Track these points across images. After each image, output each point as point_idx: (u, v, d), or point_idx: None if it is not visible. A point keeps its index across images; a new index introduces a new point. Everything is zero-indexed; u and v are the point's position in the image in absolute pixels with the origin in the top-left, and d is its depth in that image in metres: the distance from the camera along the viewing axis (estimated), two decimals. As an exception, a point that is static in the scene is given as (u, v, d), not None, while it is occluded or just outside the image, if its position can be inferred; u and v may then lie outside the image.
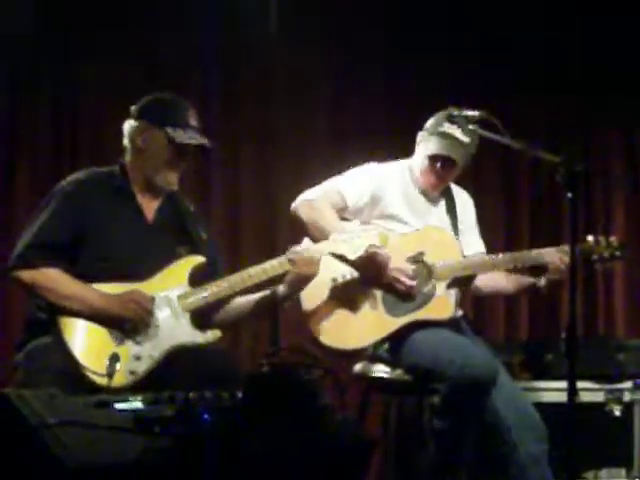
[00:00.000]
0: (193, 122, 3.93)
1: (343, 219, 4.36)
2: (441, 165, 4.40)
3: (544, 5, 6.56)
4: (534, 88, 6.55)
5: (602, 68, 6.66)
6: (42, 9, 5.75)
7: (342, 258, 4.06)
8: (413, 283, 4.24)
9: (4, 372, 3.69)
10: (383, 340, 4.28)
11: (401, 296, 4.27)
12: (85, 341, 3.68)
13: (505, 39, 6.52)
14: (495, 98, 5.81)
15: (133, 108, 3.96)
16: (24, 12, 5.59)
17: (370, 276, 4.23)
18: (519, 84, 6.50)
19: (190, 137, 3.89)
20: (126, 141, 3.95)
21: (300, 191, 4.46)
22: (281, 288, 3.91)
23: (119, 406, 2.59)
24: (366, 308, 4.30)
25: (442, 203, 4.58)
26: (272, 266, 3.89)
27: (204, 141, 3.94)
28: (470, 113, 4.18)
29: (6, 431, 2.44)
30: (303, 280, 3.90)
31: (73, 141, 5.69)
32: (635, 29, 6.52)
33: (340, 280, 4.27)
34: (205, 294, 3.87)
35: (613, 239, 4.33)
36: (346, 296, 4.30)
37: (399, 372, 4.30)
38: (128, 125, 3.94)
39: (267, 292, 3.97)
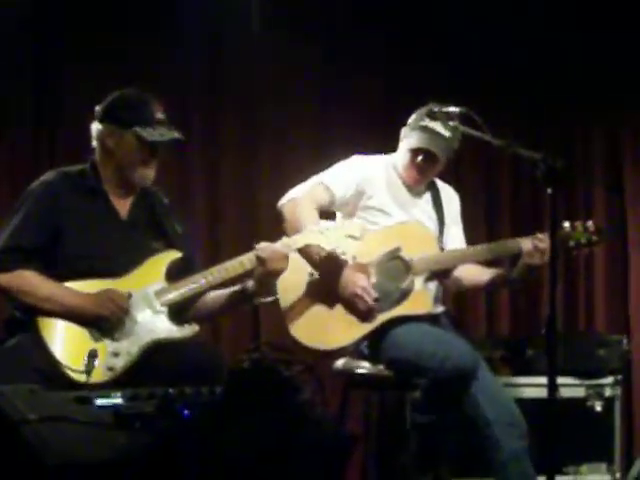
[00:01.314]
0: (160, 116, 3.91)
1: (329, 216, 4.41)
2: (422, 159, 4.42)
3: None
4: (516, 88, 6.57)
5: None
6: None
7: (307, 256, 4.14)
8: (374, 305, 4.22)
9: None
10: (363, 337, 4.30)
11: (358, 313, 4.27)
12: (63, 339, 3.69)
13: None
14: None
15: (98, 109, 3.94)
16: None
17: (328, 279, 4.26)
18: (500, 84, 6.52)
19: (160, 134, 3.88)
20: (95, 142, 3.94)
21: (281, 186, 4.49)
22: (250, 283, 3.90)
23: (99, 402, 2.60)
24: (343, 304, 4.30)
25: (427, 197, 4.60)
26: (240, 262, 3.89)
27: (175, 135, 3.93)
28: (451, 109, 4.21)
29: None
30: (271, 275, 3.90)
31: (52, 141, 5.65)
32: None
33: (316, 275, 4.28)
34: (182, 290, 3.87)
35: (590, 224, 4.34)
36: (324, 291, 4.30)
37: (380, 368, 4.31)
38: (95, 127, 3.93)
39: (238, 287, 3.96)
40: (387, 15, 6.26)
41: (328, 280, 4.26)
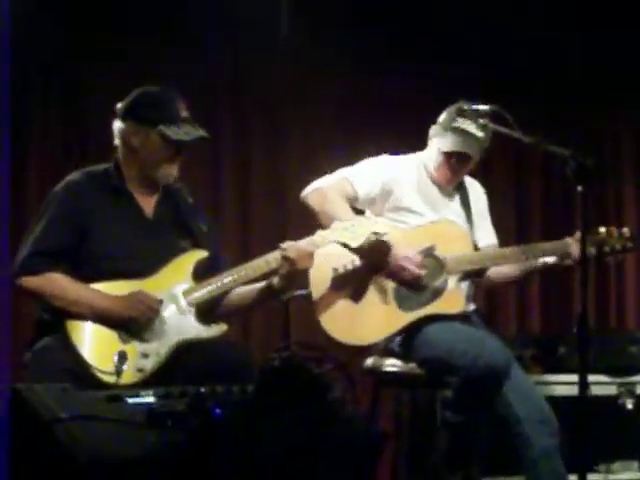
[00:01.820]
0: (184, 114, 3.92)
1: (355, 210, 4.37)
2: (456, 160, 4.42)
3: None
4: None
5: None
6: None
7: (345, 245, 4.05)
8: (421, 272, 4.22)
9: (15, 371, 3.71)
10: (395, 333, 4.30)
11: (410, 286, 4.26)
12: (92, 341, 3.71)
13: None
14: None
15: (120, 106, 3.94)
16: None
17: (374, 264, 4.24)
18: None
19: (185, 132, 3.88)
20: (117, 141, 3.95)
21: (309, 182, 4.47)
22: (276, 280, 3.92)
23: (131, 400, 2.61)
24: (376, 301, 4.30)
25: (457, 196, 4.59)
26: (266, 261, 3.90)
27: (200, 133, 3.94)
28: (481, 107, 4.21)
29: (19, 426, 2.45)
30: (296, 273, 3.91)
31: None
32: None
33: (341, 270, 4.26)
34: (210, 288, 3.89)
35: (625, 230, 4.32)
36: (351, 287, 4.29)
37: (411, 366, 4.32)
38: (117, 125, 3.94)
39: (264, 284, 3.98)
40: (388, 15, 6.21)
41: (369, 269, 4.27)
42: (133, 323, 3.75)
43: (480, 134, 4.30)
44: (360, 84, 6.22)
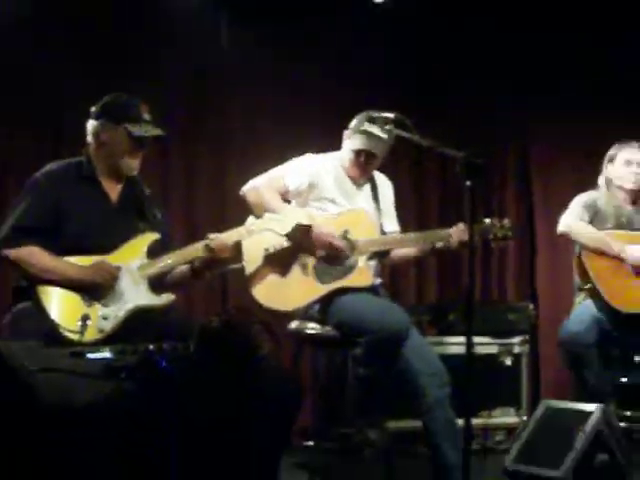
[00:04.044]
0: (146, 116, 3.96)
1: (285, 200, 4.43)
2: (364, 158, 4.44)
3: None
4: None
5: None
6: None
7: (275, 232, 4.16)
8: (341, 243, 4.28)
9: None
10: (314, 303, 4.32)
11: (333, 259, 4.31)
12: (60, 305, 3.71)
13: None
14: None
15: (93, 109, 3.97)
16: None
17: (300, 246, 4.28)
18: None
19: (145, 130, 3.92)
20: (90, 137, 3.97)
21: (245, 179, 4.51)
22: (196, 263, 4.00)
23: (91, 356, 2.60)
24: (298, 276, 4.32)
25: (367, 187, 4.59)
26: (195, 248, 3.96)
27: (158, 132, 3.98)
28: (386, 115, 4.23)
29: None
30: (215, 261, 3.99)
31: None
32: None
33: (271, 250, 4.30)
34: (160, 265, 3.92)
35: (506, 221, 4.33)
36: (279, 264, 4.32)
37: (327, 329, 4.32)
38: (91, 124, 3.97)
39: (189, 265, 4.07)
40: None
41: (294, 250, 4.30)
42: (96, 288, 3.76)
43: (384, 136, 4.32)
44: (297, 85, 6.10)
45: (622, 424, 4.48)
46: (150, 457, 2.42)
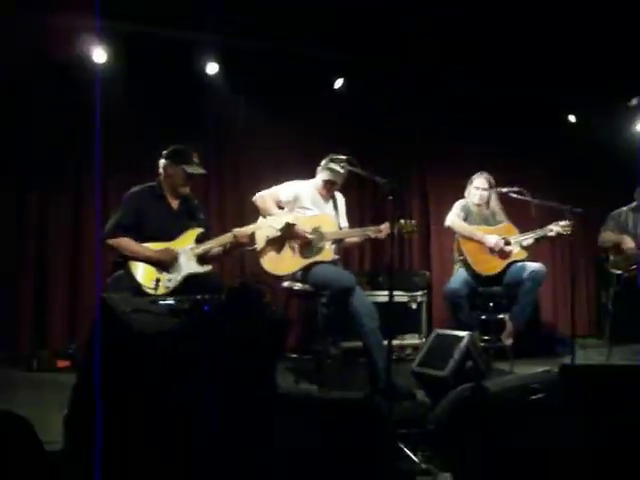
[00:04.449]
0: (196, 160, 3.97)
1: (280, 207, 4.42)
2: (330, 184, 4.45)
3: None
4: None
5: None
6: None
7: (273, 227, 4.21)
8: (310, 237, 4.28)
9: (103, 288, 3.74)
10: (298, 270, 4.31)
11: (308, 245, 4.29)
12: (141, 272, 3.76)
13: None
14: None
15: (164, 152, 3.99)
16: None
17: (288, 236, 4.27)
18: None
19: (194, 170, 3.95)
20: (160, 170, 3.99)
21: (255, 192, 4.49)
22: (227, 246, 4.05)
23: (161, 302, 2.60)
24: (289, 253, 4.30)
25: (331, 201, 4.57)
26: (226, 236, 4.01)
27: (202, 171, 4.01)
28: (342, 156, 4.27)
29: (104, 315, 2.43)
30: (238, 245, 4.03)
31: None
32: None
33: (271, 237, 4.28)
34: (204, 247, 3.95)
35: (413, 221, 4.36)
36: (276, 246, 4.30)
37: (306, 286, 4.33)
38: (161, 162, 3.99)
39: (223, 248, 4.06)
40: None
41: (284, 238, 4.27)
42: (164, 264, 3.78)
43: (342, 171, 4.35)
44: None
45: (482, 344, 4.53)
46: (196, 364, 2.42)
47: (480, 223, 5.11)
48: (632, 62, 5.05)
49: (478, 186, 5.15)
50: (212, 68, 5.45)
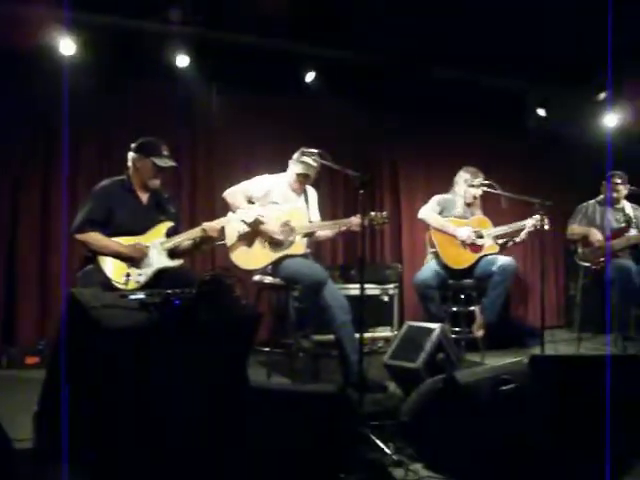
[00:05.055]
0: (165, 152, 3.91)
1: (251, 202, 4.37)
2: (302, 178, 4.43)
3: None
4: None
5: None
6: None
7: (243, 221, 4.22)
8: (279, 237, 4.27)
9: (72, 283, 3.71)
10: (269, 264, 4.30)
11: (275, 242, 4.29)
12: (111, 267, 3.71)
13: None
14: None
15: (133, 145, 3.94)
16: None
17: (256, 231, 4.27)
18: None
19: (164, 162, 3.89)
20: (129, 163, 3.94)
21: (226, 187, 4.45)
22: (196, 240, 4.00)
23: (131, 297, 2.56)
24: (259, 247, 4.29)
25: (302, 195, 4.55)
26: (196, 230, 3.96)
27: (173, 163, 3.94)
28: (313, 150, 4.25)
29: (71, 310, 2.40)
30: (208, 239, 3.99)
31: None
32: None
33: (242, 232, 4.29)
34: (174, 241, 3.91)
35: (384, 213, 4.32)
36: (247, 240, 4.29)
37: (277, 280, 4.32)
38: (130, 155, 3.94)
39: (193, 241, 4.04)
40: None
41: (253, 233, 4.26)
42: (134, 258, 3.75)
43: (314, 164, 4.33)
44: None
45: (453, 336, 4.56)
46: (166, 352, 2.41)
47: (459, 217, 5.11)
48: (600, 56, 5.09)
49: (473, 184, 5.10)
50: (183, 61, 5.37)
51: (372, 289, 5.61)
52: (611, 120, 6.54)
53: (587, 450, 2.74)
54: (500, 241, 5.04)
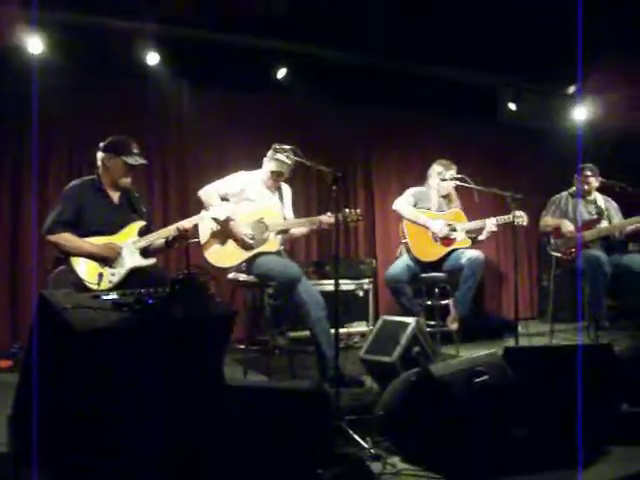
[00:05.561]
0: (136, 150, 3.87)
1: (225, 199, 4.35)
2: (277, 175, 4.41)
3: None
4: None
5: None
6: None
7: (214, 219, 4.20)
8: (249, 241, 4.25)
9: (44, 285, 3.66)
10: (242, 261, 4.29)
11: (243, 245, 4.27)
12: (84, 267, 3.68)
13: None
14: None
15: (101, 144, 3.89)
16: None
17: (227, 230, 4.26)
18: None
19: (135, 160, 3.85)
20: (99, 162, 3.89)
21: (200, 186, 4.42)
22: (169, 238, 3.94)
23: (104, 297, 2.54)
24: (233, 245, 4.28)
25: (277, 192, 4.53)
26: (169, 229, 3.92)
27: (143, 161, 3.90)
28: (286, 146, 4.24)
29: (43, 312, 2.37)
30: (182, 236, 3.93)
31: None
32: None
33: (214, 229, 4.28)
34: (146, 240, 3.88)
35: (358, 210, 4.33)
36: (220, 238, 4.28)
37: (251, 277, 4.31)
38: (99, 155, 3.88)
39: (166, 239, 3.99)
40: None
41: (226, 231, 4.25)
42: (107, 258, 3.72)
43: (288, 161, 4.31)
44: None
45: (428, 329, 4.58)
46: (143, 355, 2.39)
47: (436, 210, 5.10)
48: (570, 50, 5.15)
49: (445, 178, 5.07)
50: (153, 58, 5.32)
51: (347, 284, 5.62)
52: (581, 113, 6.62)
53: (561, 438, 2.79)
54: (471, 236, 5.06)
